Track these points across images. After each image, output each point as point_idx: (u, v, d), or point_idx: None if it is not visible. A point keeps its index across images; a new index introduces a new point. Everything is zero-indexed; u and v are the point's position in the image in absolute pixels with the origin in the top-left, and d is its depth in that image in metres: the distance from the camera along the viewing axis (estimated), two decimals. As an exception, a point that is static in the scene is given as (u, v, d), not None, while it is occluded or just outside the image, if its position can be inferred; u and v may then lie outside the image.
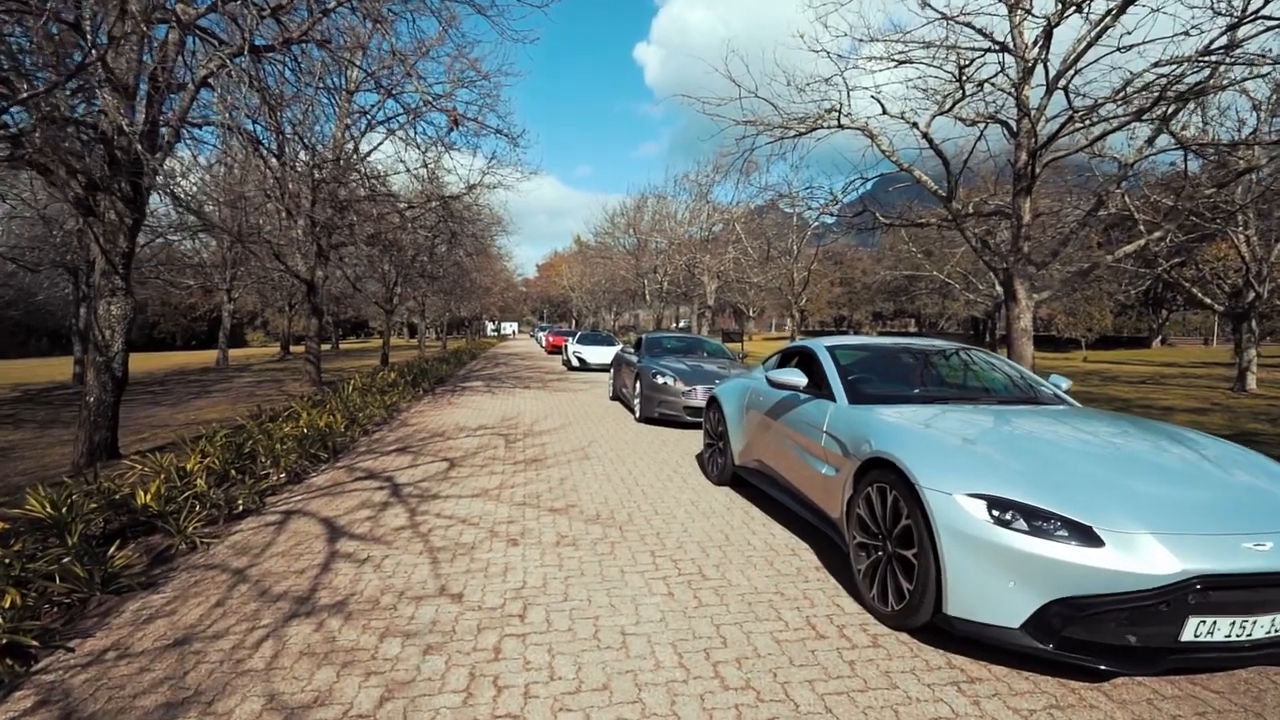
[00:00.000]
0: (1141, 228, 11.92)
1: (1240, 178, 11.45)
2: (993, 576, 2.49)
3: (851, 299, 56.52)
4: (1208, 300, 17.76)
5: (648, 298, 36.25)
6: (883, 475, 3.05)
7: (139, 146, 6.15)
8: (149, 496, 4.82)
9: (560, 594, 3.35)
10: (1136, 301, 44.84)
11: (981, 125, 10.97)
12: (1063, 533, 2.44)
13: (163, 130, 7.39)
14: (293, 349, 33.55)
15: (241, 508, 5.16)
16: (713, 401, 5.87)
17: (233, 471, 5.74)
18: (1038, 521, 2.48)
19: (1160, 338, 49.11)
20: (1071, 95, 8.30)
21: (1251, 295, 15.89)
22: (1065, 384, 4.40)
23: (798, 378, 4.13)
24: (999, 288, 27.63)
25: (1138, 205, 11.89)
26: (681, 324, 44.34)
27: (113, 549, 3.80)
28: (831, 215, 13.71)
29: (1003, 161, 13.10)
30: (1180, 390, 15.82)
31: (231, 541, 4.37)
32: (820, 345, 4.54)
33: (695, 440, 8.02)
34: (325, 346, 41.27)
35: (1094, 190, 11.14)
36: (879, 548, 3.08)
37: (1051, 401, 4.14)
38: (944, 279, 29.91)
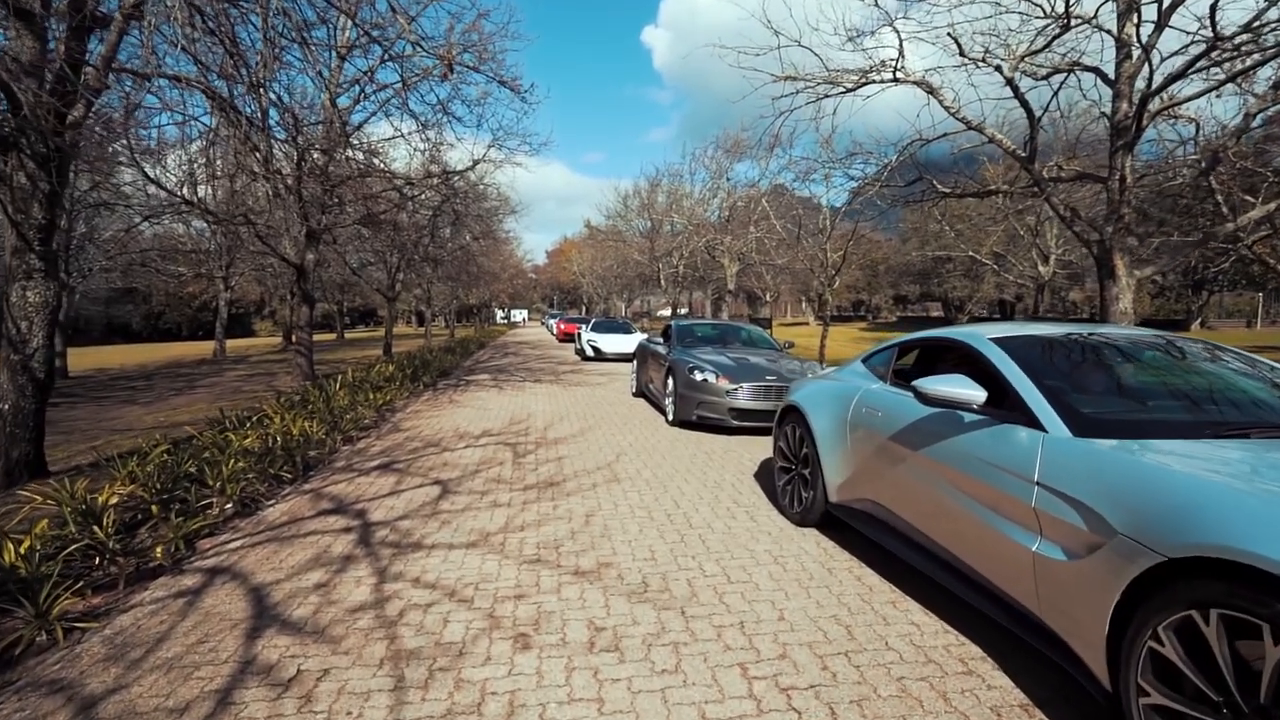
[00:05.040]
0: (1219, 197, 10.41)
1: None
2: None
3: (871, 282, 54.58)
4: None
5: (663, 282, 34.62)
6: (1235, 596, 1.57)
7: (20, 88, 4.72)
8: (17, 554, 3.45)
9: (605, 781, 1.91)
10: (1176, 283, 42.74)
11: (1062, 76, 9.35)
12: None
13: (87, 74, 5.97)
14: (294, 338, 32.40)
15: (159, 559, 3.78)
16: (791, 411, 4.32)
17: (155, 509, 4.36)
18: None
19: (1200, 320, 46.94)
20: (1216, 21, 6.64)
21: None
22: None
23: (971, 390, 2.57)
24: (1041, 267, 25.99)
25: (1220, 172, 10.28)
26: (687, 310, 42.51)
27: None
28: (878, 184, 12.11)
29: (1086, 121, 11.43)
30: (1266, 379, 14.13)
31: (115, 629, 2.98)
32: (981, 338, 2.98)
33: (747, 449, 6.55)
34: (330, 336, 40.13)
35: (1205, 148, 9.45)
36: (1227, 732, 1.61)
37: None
38: (980, 259, 28.19)
